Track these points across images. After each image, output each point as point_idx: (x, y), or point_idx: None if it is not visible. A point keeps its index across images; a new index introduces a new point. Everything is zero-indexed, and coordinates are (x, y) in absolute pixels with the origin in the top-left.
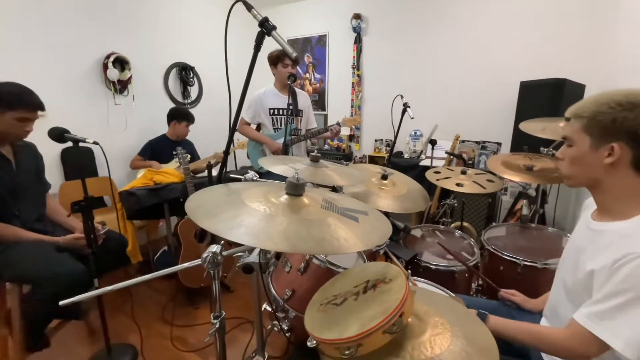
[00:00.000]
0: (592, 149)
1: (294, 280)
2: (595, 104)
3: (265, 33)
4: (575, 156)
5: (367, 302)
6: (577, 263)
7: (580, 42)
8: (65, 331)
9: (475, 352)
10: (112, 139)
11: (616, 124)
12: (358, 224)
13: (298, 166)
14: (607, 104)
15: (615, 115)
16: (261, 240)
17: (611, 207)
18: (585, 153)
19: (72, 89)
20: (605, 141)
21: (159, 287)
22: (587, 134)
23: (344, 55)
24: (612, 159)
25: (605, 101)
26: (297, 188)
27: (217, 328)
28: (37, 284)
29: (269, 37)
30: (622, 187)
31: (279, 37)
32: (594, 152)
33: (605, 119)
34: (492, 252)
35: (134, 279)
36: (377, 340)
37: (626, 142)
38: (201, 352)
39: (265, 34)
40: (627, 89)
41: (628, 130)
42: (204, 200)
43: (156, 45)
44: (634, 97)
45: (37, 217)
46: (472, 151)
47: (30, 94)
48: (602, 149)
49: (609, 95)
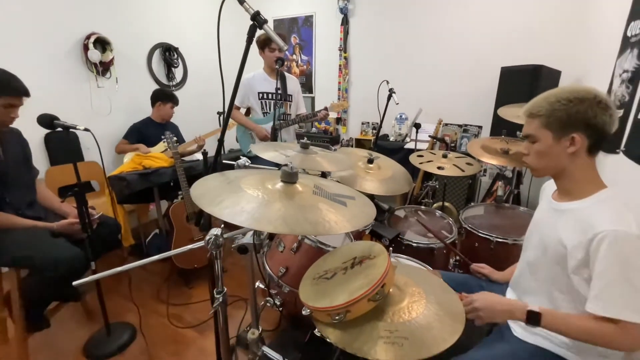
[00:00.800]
0: (554, 142)
1: (287, 259)
2: (548, 102)
3: (257, 26)
4: (540, 150)
5: (354, 276)
6: (541, 240)
7: (557, 29)
8: (65, 312)
9: (445, 314)
10: (97, 122)
11: (571, 117)
12: (346, 207)
13: (288, 152)
14: (558, 102)
15: (569, 110)
16: (263, 224)
17: (572, 189)
18: (550, 146)
19: (52, 71)
20: (565, 133)
21: (153, 269)
22: (548, 129)
23: (331, 37)
24: (574, 147)
25: (555, 99)
26: (291, 176)
27: (220, 302)
28: (36, 269)
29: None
30: (582, 171)
31: (271, 30)
32: (557, 144)
33: (561, 114)
34: (468, 230)
35: (137, 262)
36: (362, 307)
37: (583, 131)
38: (197, 328)
39: (257, 27)
40: (569, 87)
41: (583, 121)
42: (207, 188)
43: (138, 25)
44: (578, 92)
45: (28, 204)
46: (455, 134)
47: (15, 80)
48: (563, 140)
49: (556, 94)
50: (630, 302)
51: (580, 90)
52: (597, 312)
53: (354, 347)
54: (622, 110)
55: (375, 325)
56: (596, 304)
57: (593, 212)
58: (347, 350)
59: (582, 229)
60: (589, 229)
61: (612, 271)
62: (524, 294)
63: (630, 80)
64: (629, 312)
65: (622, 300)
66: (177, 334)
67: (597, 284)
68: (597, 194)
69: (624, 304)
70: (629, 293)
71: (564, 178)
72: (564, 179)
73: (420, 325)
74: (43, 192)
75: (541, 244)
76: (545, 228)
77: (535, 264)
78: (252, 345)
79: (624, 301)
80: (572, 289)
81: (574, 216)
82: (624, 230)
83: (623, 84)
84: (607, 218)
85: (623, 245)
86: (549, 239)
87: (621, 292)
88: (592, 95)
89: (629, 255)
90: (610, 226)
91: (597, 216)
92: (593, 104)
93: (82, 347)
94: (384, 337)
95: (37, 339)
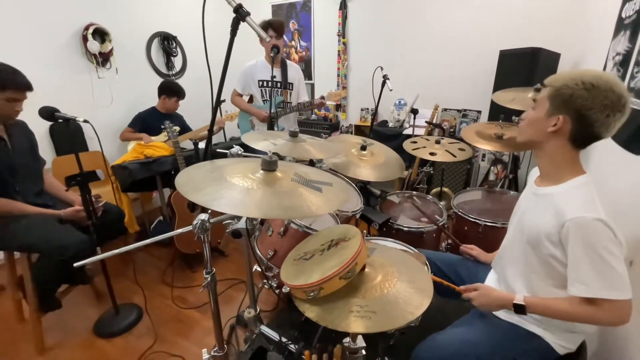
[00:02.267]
0: (546, 115)
1: (275, 242)
2: (568, 77)
3: (239, 19)
4: (532, 118)
5: (330, 256)
6: (519, 223)
7: (556, 11)
8: (75, 294)
9: (414, 292)
10: (99, 113)
11: (572, 99)
12: (321, 193)
13: (278, 141)
14: (574, 80)
15: (575, 92)
16: (238, 209)
17: (550, 173)
18: (540, 117)
19: (53, 63)
20: (558, 112)
21: (158, 254)
22: (549, 101)
23: (329, 22)
24: (555, 128)
25: (575, 77)
26: (270, 164)
27: (208, 281)
28: (45, 254)
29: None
30: (559, 155)
31: (253, 22)
32: (546, 119)
33: (566, 92)
34: (459, 215)
35: (136, 243)
36: (334, 284)
37: (571, 116)
38: (200, 309)
39: (240, 19)
40: (601, 72)
41: (577, 107)
42: (192, 176)
43: (136, 14)
44: (598, 80)
45: (36, 192)
46: (454, 119)
47: (18, 75)
48: (552, 118)
49: (582, 74)
50: (604, 281)
51: (603, 80)
52: (579, 294)
53: (327, 320)
54: None
55: (348, 301)
56: (576, 287)
57: (565, 198)
58: (320, 323)
59: (555, 214)
60: (560, 215)
61: (584, 255)
62: (503, 273)
63: (622, 64)
64: (605, 291)
65: (598, 281)
66: (181, 314)
67: (573, 268)
68: (572, 179)
69: (599, 284)
70: (603, 272)
71: (541, 156)
72: (541, 157)
73: (388, 301)
74: (50, 181)
75: (519, 226)
76: (524, 211)
77: (512, 245)
78: (250, 323)
79: (600, 281)
80: (545, 271)
81: (549, 201)
82: (587, 216)
83: (615, 67)
84: (575, 205)
85: (590, 229)
86: (526, 222)
87: (596, 273)
88: (608, 88)
89: (597, 239)
90: (577, 213)
91: (567, 203)
92: (598, 97)
93: (93, 326)
94: (354, 312)
95: (50, 319)
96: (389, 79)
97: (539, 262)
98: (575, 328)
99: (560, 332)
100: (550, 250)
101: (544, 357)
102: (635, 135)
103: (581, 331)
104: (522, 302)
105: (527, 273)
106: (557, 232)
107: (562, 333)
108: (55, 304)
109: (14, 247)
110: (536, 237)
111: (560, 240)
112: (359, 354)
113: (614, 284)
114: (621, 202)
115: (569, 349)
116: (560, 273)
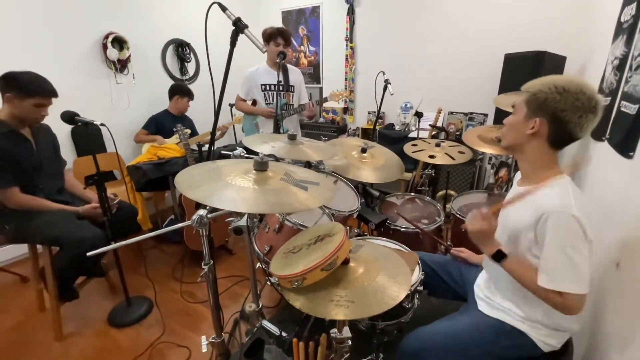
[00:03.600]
0: (525, 119)
1: (271, 238)
2: (542, 83)
3: (238, 31)
4: (512, 122)
5: (314, 250)
6: (502, 222)
7: (561, 14)
8: (91, 286)
9: (392, 284)
10: (116, 116)
11: (546, 103)
12: (307, 192)
13: (277, 144)
14: (548, 85)
15: (548, 96)
16: (228, 205)
17: (530, 173)
18: (519, 121)
19: (76, 70)
20: (535, 115)
21: (168, 251)
22: (526, 106)
23: (337, 27)
24: (533, 130)
25: (548, 82)
26: (261, 165)
27: (206, 272)
28: (65, 246)
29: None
30: (537, 156)
31: (250, 34)
32: (525, 122)
33: (541, 97)
34: (457, 217)
35: (146, 234)
36: (316, 275)
37: (547, 119)
38: (206, 304)
39: (238, 31)
40: (572, 77)
41: (551, 110)
42: (191, 175)
43: (152, 23)
44: (569, 84)
45: (57, 190)
46: (460, 122)
47: (45, 82)
48: (530, 121)
49: (554, 79)
50: (567, 275)
51: (573, 84)
52: (542, 284)
53: (309, 308)
54: (609, 98)
55: (329, 291)
56: (543, 277)
57: (543, 196)
58: (303, 310)
59: (533, 210)
60: (537, 211)
61: (553, 248)
62: (492, 272)
63: (619, 68)
64: (568, 284)
65: (560, 274)
66: (189, 308)
67: (542, 259)
68: (550, 180)
69: (562, 277)
70: (566, 267)
71: (521, 158)
72: (521, 159)
73: (367, 292)
74: (70, 180)
75: (502, 224)
76: (507, 211)
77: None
78: (252, 317)
79: (562, 275)
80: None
81: (528, 199)
82: (563, 211)
83: (613, 71)
84: (552, 201)
85: (562, 224)
86: (507, 220)
87: (560, 266)
88: (578, 90)
89: (567, 233)
90: (553, 208)
91: (545, 199)
92: (570, 100)
93: (107, 316)
94: (334, 301)
95: (68, 308)
96: (390, 83)
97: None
98: (560, 326)
99: (544, 329)
100: (527, 246)
101: (528, 353)
102: (627, 138)
103: (566, 329)
104: (507, 252)
105: None
106: (534, 226)
107: (546, 330)
108: (73, 294)
109: (37, 240)
110: (515, 234)
111: (536, 234)
112: (345, 344)
113: (574, 279)
114: (612, 204)
115: (553, 347)
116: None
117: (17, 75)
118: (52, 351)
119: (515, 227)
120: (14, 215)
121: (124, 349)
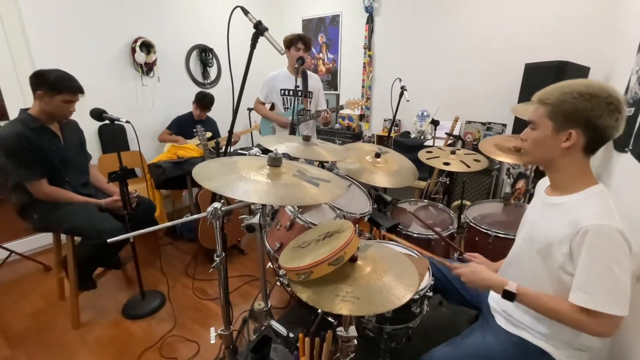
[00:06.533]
0: (553, 134)
1: (282, 236)
2: (560, 92)
3: (259, 34)
4: (537, 138)
5: (323, 245)
6: (527, 232)
7: (585, 23)
8: (108, 278)
9: (398, 284)
10: (141, 116)
11: (576, 112)
12: (318, 187)
13: (292, 144)
14: (570, 94)
15: (576, 105)
16: (241, 195)
17: (563, 183)
18: (547, 136)
19: (105, 71)
20: (565, 127)
21: (183, 248)
22: (551, 119)
23: (356, 36)
24: (569, 143)
25: (568, 90)
26: (275, 161)
27: (217, 263)
28: (87, 236)
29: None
30: (574, 167)
31: (270, 37)
32: (554, 136)
33: (567, 107)
34: (470, 225)
35: (162, 224)
36: (323, 269)
37: (582, 129)
38: (217, 301)
39: (259, 34)
40: (586, 80)
41: (586, 118)
42: (207, 167)
43: (178, 28)
44: (593, 88)
45: (83, 183)
46: (478, 132)
47: (73, 80)
48: (561, 134)
49: (571, 85)
50: (610, 295)
51: (595, 87)
52: (579, 303)
53: (315, 300)
54: (633, 108)
55: (336, 286)
56: (579, 295)
57: (580, 207)
58: (309, 302)
59: (569, 223)
60: (574, 223)
61: (594, 264)
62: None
63: None
64: (608, 305)
65: (602, 293)
66: (200, 304)
67: (579, 276)
68: (586, 189)
69: (605, 297)
70: (610, 286)
71: (555, 171)
72: (554, 172)
73: (372, 290)
74: (94, 174)
75: (528, 236)
76: (534, 221)
77: (519, 256)
78: (260, 316)
79: (604, 294)
80: (554, 285)
81: (562, 210)
82: (606, 224)
83: (637, 81)
84: (592, 213)
85: (605, 238)
86: (535, 232)
87: (602, 284)
88: (606, 94)
89: (612, 249)
90: (594, 220)
91: (583, 211)
92: (602, 104)
93: (121, 308)
94: (340, 296)
95: (86, 297)
96: (406, 90)
97: (548, 275)
98: (583, 346)
99: (567, 349)
100: (560, 261)
101: None
102: None
103: (589, 349)
104: (514, 290)
105: (535, 287)
106: (570, 241)
107: (569, 350)
108: (92, 284)
109: (61, 229)
110: (546, 246)
111: (571, 249)
112: (350, 343)
113: (617, 299)
114: (634, 216)
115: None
116: (569, 288)
117: (46, 72)
118: (68, 337)
119: (547, 240)
120: (41, 206)
121: (136, 340)
